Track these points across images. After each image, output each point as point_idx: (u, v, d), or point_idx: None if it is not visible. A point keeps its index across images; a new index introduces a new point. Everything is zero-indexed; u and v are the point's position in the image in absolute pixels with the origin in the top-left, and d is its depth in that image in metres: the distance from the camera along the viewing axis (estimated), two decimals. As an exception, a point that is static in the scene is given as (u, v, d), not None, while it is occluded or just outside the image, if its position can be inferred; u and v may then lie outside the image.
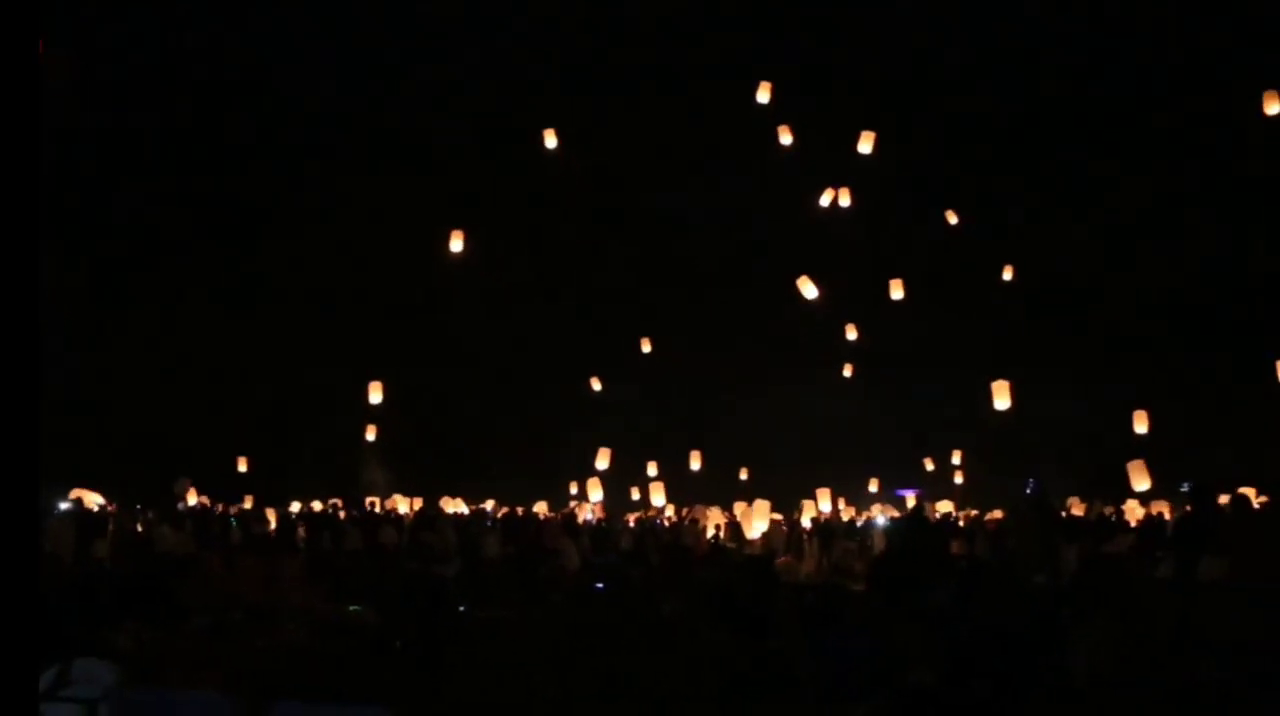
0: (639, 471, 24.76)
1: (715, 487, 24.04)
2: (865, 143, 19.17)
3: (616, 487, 25.79)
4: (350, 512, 23.82)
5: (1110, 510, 19.93)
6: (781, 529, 22.46)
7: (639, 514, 25.25)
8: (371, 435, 25.85)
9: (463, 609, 10.97)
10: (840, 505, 24.91)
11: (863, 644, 7.71)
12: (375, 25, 29.49)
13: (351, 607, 11.07)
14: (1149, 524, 18.22)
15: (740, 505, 22.18)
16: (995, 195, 27.80)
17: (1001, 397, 18.87)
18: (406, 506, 25.39)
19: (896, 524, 17.55)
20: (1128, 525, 17.36)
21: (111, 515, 21.09)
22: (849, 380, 28.25)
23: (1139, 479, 18.22)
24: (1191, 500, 12.00)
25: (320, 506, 24.95)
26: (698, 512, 22.43)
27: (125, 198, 30.74)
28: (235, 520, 22.94)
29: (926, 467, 27.70)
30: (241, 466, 25.98)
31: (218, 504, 24.39)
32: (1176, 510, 19.54)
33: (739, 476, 24.60)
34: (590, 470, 24.76)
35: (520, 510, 23.91)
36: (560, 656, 9.28)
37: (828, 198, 20.04)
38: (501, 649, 9.66)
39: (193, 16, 29.57)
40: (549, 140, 20.30)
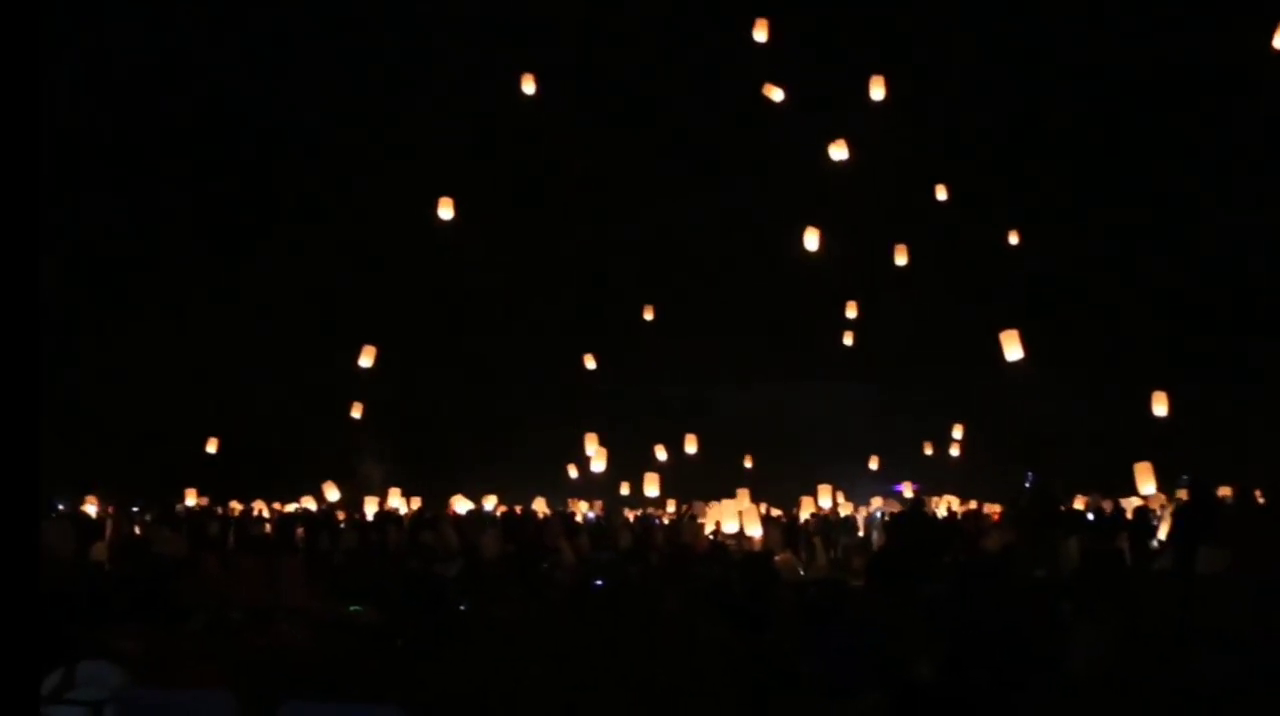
0: (634, 466, 24.65)
1: (713, 483, 24.00)
2: (876, 87, 18.63)
3: (612, 483, 25.77)
4: (350, 515, 23.85)
5: (1109, 504, 19.96)
6: (779, 522, 22.50)
7: (637, 512, 25.28)
8: (358, 412, 25.24)
9: (463, 607, 10.97)
10: (839, 499, 24.91)
11: (863, 638, 7.71)
12: (374, 23, 29.36)
13: (351, 607, 11.06)
14: (1141, 517, 18.26)
15: (741, 500, 22.14)
16: (994, 193, 27.78)
17: (1012, 348, 17.74)
18: (404, 505, 25.38)
19: (896, 518, 17.51)
20: (1127, 520, 17.36)
21: (109, 517, 21.09)
22: (847, 373, 28.34)
23: (1144, 480, 17.72)
24: (1190, 494, 12.04)
25: (317, 506, 24.96)
26: (696, 509, 22.42)
27: (121, 197, 30.69)
28: (233, 522, 23.00)
29: (925, 463, 27.70)
30: (211, 447, 25.44)
31: (215, 505, 24.44)
32: (1173, 503, 19.59)
33: (736, 471, 24.56)
34: (585, 466, 24.76)
35: (519, 508, 23.94)
36: (560, 654, 9.28)
37: (837, 151, 18.98)
38: (502, 647, 9.66)
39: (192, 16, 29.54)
40: (526, 86, 19.02)
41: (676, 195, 30.74)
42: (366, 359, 22.59)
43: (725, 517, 19.09)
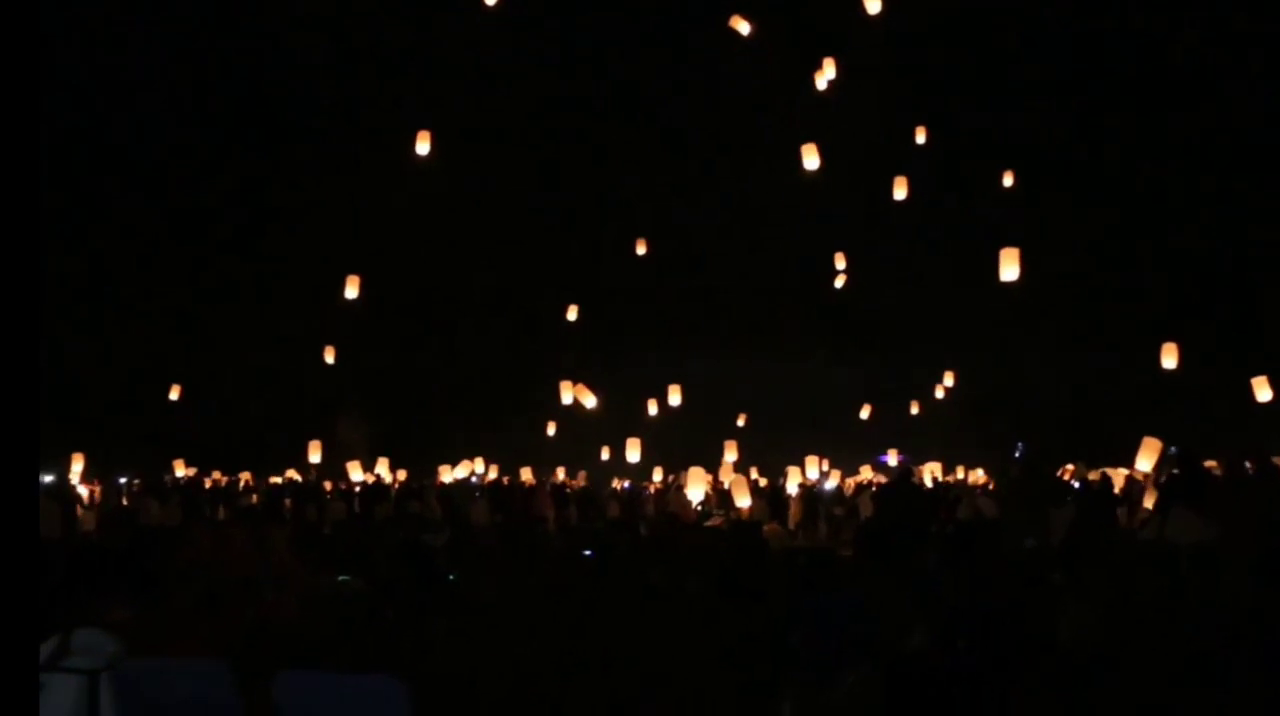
0: (619, 434, 24.56)
1: (700, 454, 24.05)
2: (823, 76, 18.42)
3: (594, 452, 25.74)
4: (337, 485, 23.84)
5: (1096, 474, 20.02)
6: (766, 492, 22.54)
7: (625, 482, 25.33)
8: (330, 357, 25.04)
9: (452, 577, 10.94)
10: (824, 467, 24.98)
11: (853, 609, 7.72)
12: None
13: (340, 578, 11.04)
14: (1130, 488, 18.31)
15: (727, 471, 22.18)
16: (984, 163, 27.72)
17: (1010, 267, 16.77)
18: (388, 476, 25.39)
19: (883, 489, 17.56)
20: (1115, 491, 17.42)
21: (95, 488, 21.08)
22: (836, 344, 28.30)
23: (1148, 454, 17.08)
24: (1178, 465, 12.09)
25: (302, 477, 24.95)
26: (684, 479, 22.43)
27: (109, 192, 30.56)
28: (221, 493, 22.98)
29: (911, 432, 27.76)
30: (174, 394, 25.47)
31: (203, 477, 24.42)
32: (1161, 474, 19.65)
33: (724, 441, 24.52)
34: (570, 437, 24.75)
35: (506, 479, 23.96)
36: (549, 624, 9.28)
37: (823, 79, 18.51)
38: (491, 617, 9.65)
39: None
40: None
41: (667, 175, 30.60)
42: (352, 289, 21.94)
43: (693, 485, 18.95)
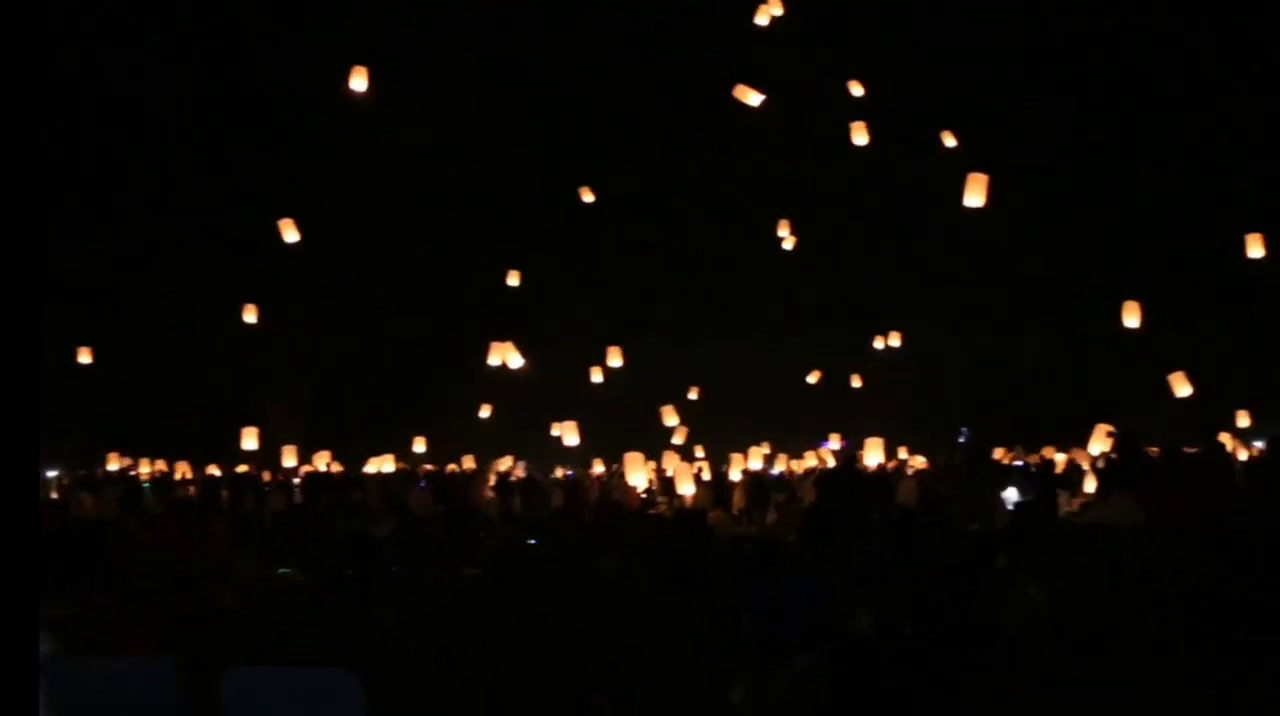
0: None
1: (642, 440, 23.97)
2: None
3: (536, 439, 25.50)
4: (275, 476, 23.55)
5: (1036, 458, 20.29)
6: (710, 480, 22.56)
7: (565, 470, 25.25)
8: (252, 316, 23.58)
9: (395, 568, 10.83)
10: (766, 451, 25.04)
11: (799, 595, 7.73)
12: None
13: (281, 570, 10.89)
14: (1070, 471, 18.57)
15: (671, 458, 22.15)
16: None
17: (976, 193, 15.67)
18: (325, 465, 25.10)
19: (826, 474, 17.62)
20: (1056, 474, 17.65)
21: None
22: (781, 329, 28.31)
23: (1099, 440, 17.02)
24: (1117, 448, 12.23)
25: (238, 468, 24.63)
26: (626, 467, 22.38)
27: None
28: (150, 485, 22.59)
29: (854, 417, 27.82)
30: (84, 357, 24.41)
31: (137, 469, 24.01)
32: (1095, 459, 19.94)
33: (668, 427, 24.46)
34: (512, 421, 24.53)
35: (451, 468, 23.81)
36: (494, 614, 9.21)
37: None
38: (436, 607, 9.56)
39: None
40: None
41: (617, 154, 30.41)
42: (290, 233, 20.71)
43: (632, 471, 18.74)
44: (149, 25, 28.30)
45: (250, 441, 22.24)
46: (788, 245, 23.88)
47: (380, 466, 24.62)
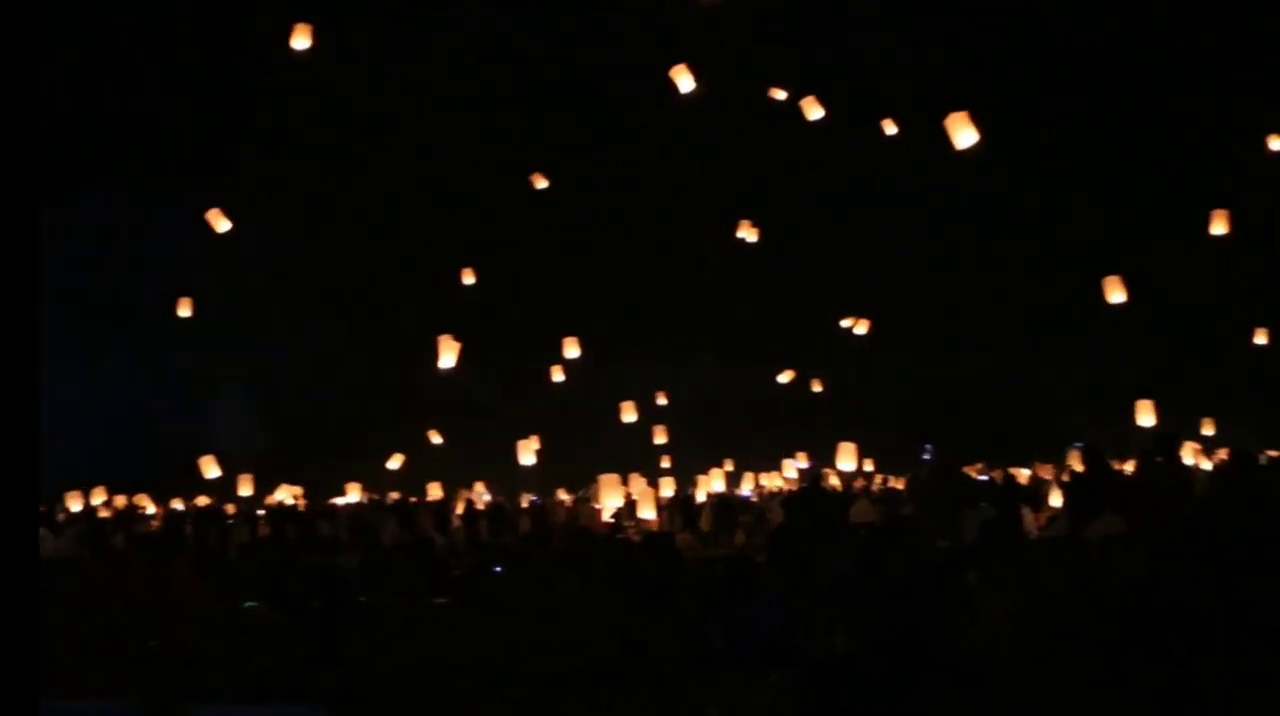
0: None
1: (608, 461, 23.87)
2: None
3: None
4: (240, 509, 23.32)
5: (999, 474, 20.37)
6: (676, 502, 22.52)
7: (531, 496, 25.13)
8: (186, 310, 22.71)
9: (363, 600, 10.74)
10: (730, 469, 25.03)
11: (768, 616, 7.71)
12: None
13: (247, 604, 10.77)
14: (1034, 486, 18.68)
15: (637, 482, 22.09)
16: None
17: (965, 132, 14.74)
18: (288, 497, 24.87)
19: (792, 495, 17.65)
20: (1020, 488, 17.74)
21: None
22: (746, 347, 28.26)
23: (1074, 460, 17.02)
24: (1083, 460, 12.29)
25: (206, 501, 24.36)
26: (593, 492, 22.34)
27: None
28: (116, 521, 22.31)
29: (821, 435, 27.81)
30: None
31: (95, 506, 23.70)
32: (1059, 473, 20.08)
33: (628, 450, 24.37)
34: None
35: (414, 498, 23.66)
36: (462, 641, 9.14)
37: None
38: (404, 638, 9.48)
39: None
40: None
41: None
42: (221, 222, 19.79)
43: (607, 494, 18.55)
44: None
45: (212, 470, 21.92)
46: (750, 237, 23.56)
47: (348, 496, 24.46)
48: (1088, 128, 29.85)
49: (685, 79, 17.06)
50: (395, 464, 24.46)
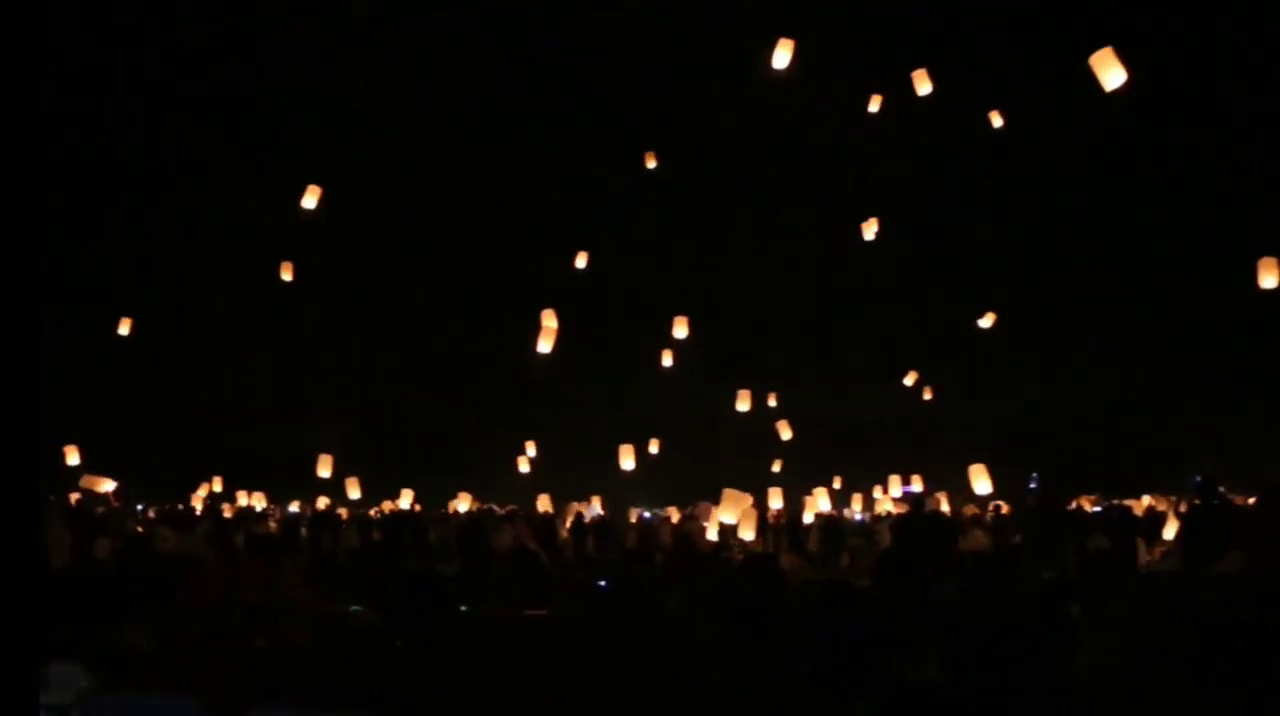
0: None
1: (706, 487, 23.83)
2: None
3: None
4: (354, 513, 23.79)
5: (1116, 505, 19.85)
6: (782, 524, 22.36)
7: (639, 510, 25.21)
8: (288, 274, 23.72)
9: (464, 608, 10.85)
10: (837, 487, 24.80)
11: (866, 639, 7.63)
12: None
13: (352, 607, 10.97)
14: (1149, 519, 18.13)
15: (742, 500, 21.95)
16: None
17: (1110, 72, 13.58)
18: (407, 503, 25.31)
19: (901, 519, 17.40)
20: (1135, 521, 17.25)
21: (112, 513, 21.07)
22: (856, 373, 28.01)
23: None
24: (1199, 494, 11.92)
25: (325, 504, 24.91)
26: (700, 511, 22.32)
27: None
28: (237, 520, 22.94)
29: (928, 460, 27.49)
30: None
31: (220, 503, 24.38)
32: (1177, 504, 19.47)
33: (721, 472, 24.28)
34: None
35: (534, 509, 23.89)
36: (562, 656, 9.18)
37: None
38: (503, 648, 9.55)
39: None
40: None
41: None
42: (311, 199, 19.81)
43: (727, 509, 18.43)
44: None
45: (325, 469, 22.36)
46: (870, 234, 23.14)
47: (458, 505, 24.81)
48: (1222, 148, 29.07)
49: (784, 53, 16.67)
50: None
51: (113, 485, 22.32)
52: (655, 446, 25.19)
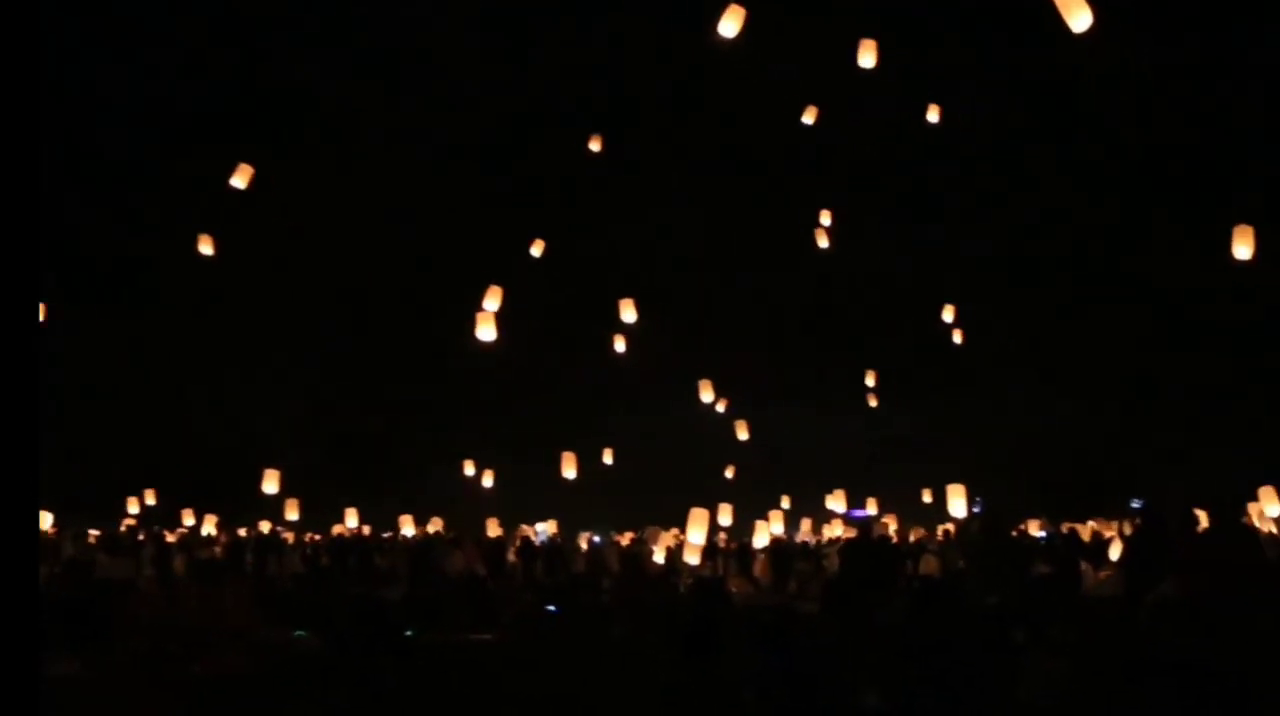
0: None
1: (656, 508, 23.75)
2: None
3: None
4: (298, 537, 23.55)
5: (1062, 529, 20.01)
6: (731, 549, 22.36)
7: (589, 534, 25.15)
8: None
9: (409, 633, 10.77)
10: (801, 525, 24.82)
11: (812, 665, 7.62)
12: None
13: (296, 633, 10.85)
14: (1094, 543, 18.28)
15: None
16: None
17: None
18: (350, 525, 25.07)
19: (848, 544, 17.43)
20: (1080, 545, 17.38)
21: (46, 539, 20.72)
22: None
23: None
24: (1142, 519, 12.05)
25: (268, 527, 24.63)
26: (649, 535, 22.29)
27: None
28: (178, 545, 22.62)
29: (883, 486, 27.55)
30: None
31: (158, 527, 24.04)
32: (1121, 529, 19.66)
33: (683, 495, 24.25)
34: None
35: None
36: (509, 681, 9.13)
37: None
38: (447, 673, 9.49)
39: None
40: None
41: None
42: (241, 179, 18.33)
43: (694, 528, 18.31)
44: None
45: (271, 484, 21.69)
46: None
47: (403, 529, 24.61)
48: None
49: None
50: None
51: (48, 518, 21.98)
52: (609, 456, 24.94)
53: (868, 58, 15.57)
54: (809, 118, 18.51)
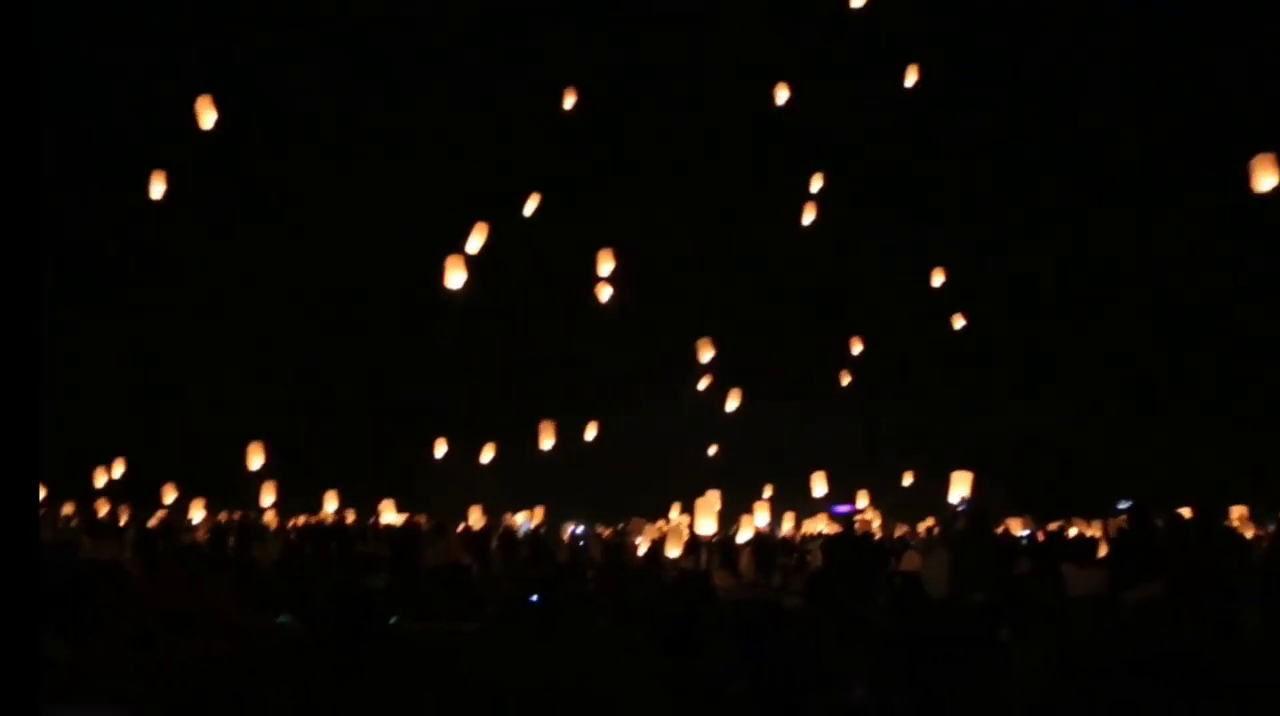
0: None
1: (638, 500, 23.75)
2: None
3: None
4: (281, 524, 23.47)
5: (1048, 528, 20.10)
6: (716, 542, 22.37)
7: (572, 524, 25.13)
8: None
9: (394, 621, 10.76)
10: (785, 519, 24.82)
11: (795, 658, 7.63)
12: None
13: (279, 618, 10.84)
14: (1079, 542, 18.35)
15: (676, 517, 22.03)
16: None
17: None
18: (335, 510, 24.95)
19: (831, 540, 17.46)
20: (1065, 544, 17.46)
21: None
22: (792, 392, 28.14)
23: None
24: (1128, 518, 12.08)
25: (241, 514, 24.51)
26: (633, 527, 22.32)
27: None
28: (161, 530, 22.52)
29: (869, 481, 27.55)
30: None
31: (142, 511, 23.95)
32: (1107, 528, 19.72)
33: (664, 486, 24.28)
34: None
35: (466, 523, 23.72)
36: (493, 670, 9.12)
37: None
38: (431, 662, 9.48)
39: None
40: None
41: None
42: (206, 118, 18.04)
43: (703, 516, 18.14)
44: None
45: (257, 458, 21.62)
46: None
47: (384, 516, 24.54)
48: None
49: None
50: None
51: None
52: (593, 429, 24.77)
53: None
54: (783, 99, 18.53)
